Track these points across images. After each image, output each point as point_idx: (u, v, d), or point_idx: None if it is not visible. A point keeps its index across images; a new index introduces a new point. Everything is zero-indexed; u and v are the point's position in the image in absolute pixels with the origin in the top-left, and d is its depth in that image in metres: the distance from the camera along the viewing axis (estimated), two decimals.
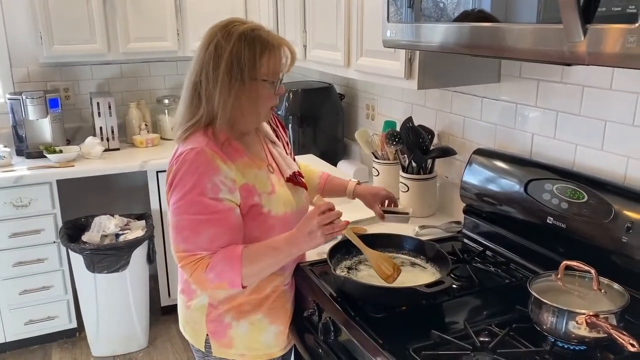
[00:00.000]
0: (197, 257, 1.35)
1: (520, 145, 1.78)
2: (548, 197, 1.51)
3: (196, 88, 1.38)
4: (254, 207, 1.40)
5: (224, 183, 1.35)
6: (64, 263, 2.85)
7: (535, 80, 1.70)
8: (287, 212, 1.47)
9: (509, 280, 1.55)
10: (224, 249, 1.36)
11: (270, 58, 1.37)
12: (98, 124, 3.10)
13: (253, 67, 1.34)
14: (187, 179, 1.33)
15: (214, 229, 1.35)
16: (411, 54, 1.68)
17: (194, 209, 1.33)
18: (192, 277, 1.36)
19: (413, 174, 2.03)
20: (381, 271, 1.45)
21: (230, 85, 1.34)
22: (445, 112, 2.11)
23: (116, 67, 3.35)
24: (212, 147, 1.36)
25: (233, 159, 1.39)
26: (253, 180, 1.41)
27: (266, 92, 1.39)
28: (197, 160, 1.34)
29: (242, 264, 1.34)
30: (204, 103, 1.37)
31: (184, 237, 1.35)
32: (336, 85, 2.82)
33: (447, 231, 1.91)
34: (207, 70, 1.35)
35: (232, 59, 1.33)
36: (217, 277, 1.34)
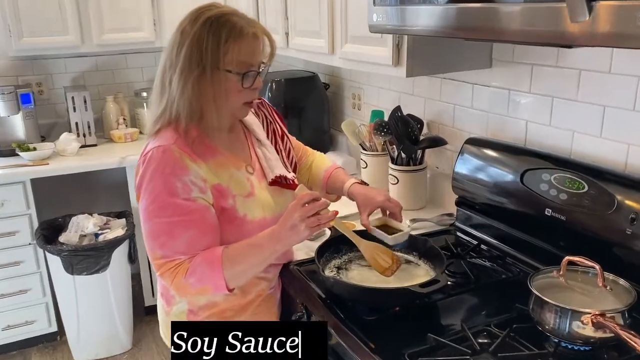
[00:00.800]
0: (175, 262, 1.26)
1: (513, 133, 1.71)
2: (546, 188, 1.44)
3: (163, 76, 1.29)
4: (226, 210, 1.31)
5: (195, 183, 1.26)
6: (41, 265, 2.74)
7: (529, 65, 1.62)
8: (266, 217, 1.38)
9: (506, 275, 1.48)
10: (203, 251, 1.27)
11: (237, 46, 1.24)
12: (73, 119, 2.97)
13: (215, 54, 1.23)
14: (155, 180, 1.24)
15: (191, 230, 1.26)
16: (399, 39, 1.59)
17: (167, 211, 1.24)
18: (173, 284, 1.28)
19: (402, 165, 1.94)
20: (377, 264, 1.36)
21: (189, 72, 1.23)
22: (434, 100, 2.03)
23: (91, 60, 3.21)
24: (181, 144, 1.26)
25: (205, 157, 1.29)
26: (227, 181, 1.32)
27: (232, 85, 1.27)
28: (164, 160, 1.24)
29: (224, 265, 1.25)
30: (167, 92, 1.27)
31: (160, 243, 1.26)
32: (320, 74, 2.72)
33: (439, 224, 1.83)
34: (171, 57, 1.26)
35: (193, 45, 1.23)
36: (198, 282, 1.26)
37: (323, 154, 1.75)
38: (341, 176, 1.62)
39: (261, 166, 1.44)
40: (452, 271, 1.49)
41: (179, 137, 1.28)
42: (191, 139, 1.28)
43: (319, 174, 1.65)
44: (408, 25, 1.36)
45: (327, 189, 1.64)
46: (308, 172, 1.67)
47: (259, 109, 1.54)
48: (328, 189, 1.64)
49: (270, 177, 1.42)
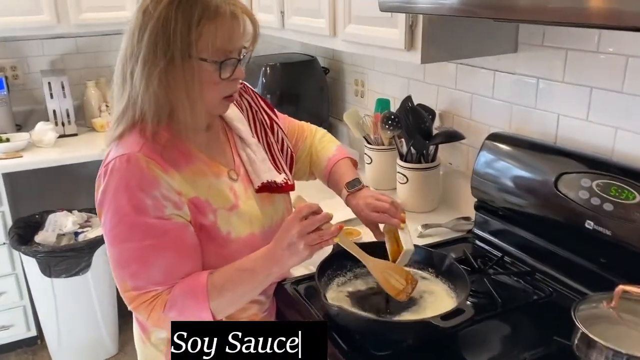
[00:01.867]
0: (151, 294, 1.05)
1: (541, 128, 1.49)
2: (586, 196, 1.23)
3: (124, 67, 1.05)
4: (206, 227, 1.10)
5: (167, 197, 1.04)
6: (17, 267, 2.52)
7: (563, 50, 1.39)
8: (255, 232, 1.16)
9: (537, 296, 1.28)
10: (184, 279, 1.06)
11: (212, 29, 1.01)
12: (51, 106, 2.72)
13: (186, 40, 1.00)
14: (120, 196, 1.02)
15: (167, 255, 1.05)
16: (412, 19, 1.36)
17: (136, 234, 1.03)
18: (150, 319, 1.07)
19: (413, 162, 1.73)
20: (389, 286, 1.15)
21: (153, 62, 1.00)
22: (448, 88, 1.80)
23: (71, 42, 2.95)
24: (148, 151, 1.04)
25: (178, 165, 1.07)
26: (206, 193, 1.10)
27: (208, 76, 1.04)
28: (129, 171, 1.02)
29: (209, 295, 1.04)
30: (128, 85, 1.04)
31: (131, 273, 1.05)
32: (320, 57, 2.48)
33: (455, 230, 1.62)
34: (132, 43, 1.03)
35: (158, 28, 1.00)
36: (180, 315, 1.06)
37: (324, 132, 1.49)
38: (338, 177, 1.37)
39: (246, 171, 1.22)
40: (474, 290, 1.28)
41: (146, 142, 1.05)
42: (161, 143, 1.06)
43: (321, 162, 1.41)
44: (424, 3, 1.14)
45: (329, 185, 1.42)
46: (308, 159, 1.44)
47: (241, 97, 1.31)
48: (330, 186, 1.42)
49: (257, 184, 1.21)
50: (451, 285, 1.24)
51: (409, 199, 1.75)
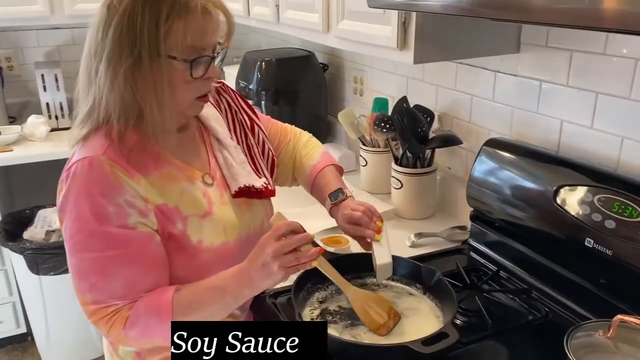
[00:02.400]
0: (110, 309, 0.98)
1: (543, 135, 1.39)
2: (587, 211, 1.13)
3: (88, 64, 0.98)
4: (175, 236, 1.02)
5: (132, 204, 0.97)
6: (6, 262, 2.47)
7: (567, 51, 1.29)
8: (229, 241, 1.08)
9: (533, 316, 1.19)
10: (147, 295, 0.99)
11: (181, 25, 0.93)
12: (44, 99, 2.66)
13: (154, 37, 0.92)
14: (81, 202, 0.95)
15: (129, 267, 0.97)
16: (405, 17, 1.27)
17: (97, 243, 0.95)
18: (110, 336, 1.01)
19: (408, 166, 1.64)
20: (369, 319, 1.06)
21: (119, 60, 0.93)
22: (448, 88, 1.70)
23: (67, 33, 2.89)
24: (112, 155, 0.96)
25: (145, 170, 1.00)
26: (176, 200, 1.02)
27: (179, 76, 0.97)
28: (91, 176, 0.95)
29: (174, 314, 0.97)
30: (94, 86, 0.97)
31: (90, 285, 0.97)
32: (318, 53, 2.39)
33: (450, 240, 1.53)
34: (96, 39, 0.95)
35: (123, 24, 0.92)
36: (142, 335, 0.99)
37: (309, 136, 1.41)
38: (325, 186, 1.27)
39: (223, 175, 1.14)
40: (464, 308, 1.20)
41: (111, 144, 0.98)
42: (128, 146, 0.98)
43: (306, 169, 1.32)
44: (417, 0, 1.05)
45: (313, 194, 1.33)
46: (291, 163, 1.35)
47: (220, 95, 1.23)
48: (313, 194, 1.33)
49: (234, 189, 1.13)
50: (438, 303, 1.15)
51: (403, 205, 1.66)
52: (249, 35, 3.12)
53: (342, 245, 1.42)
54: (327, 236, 1.45)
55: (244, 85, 2.29)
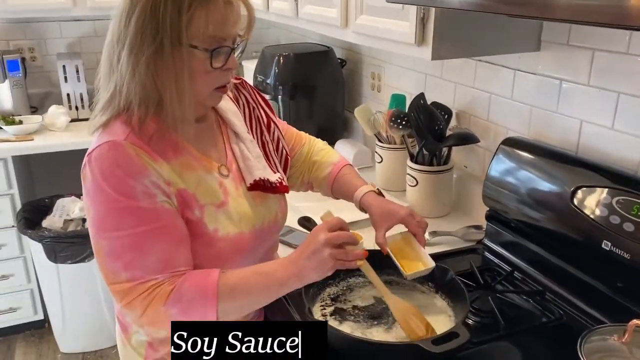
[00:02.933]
0: (150, 284, 0.96)
1: (562, 135, 1.37)
2: (605, 213, 1.11)
3: (111, 52, 0.99)
4: (192, 223, 1.02)
5: (157, 185, 0.97)
6: (25, 249, 2.51)
7: (589, 50, 1.27)
8: (244, 231, 1.08)
9: (547, 318, 1.17)
10: (194, 273, 0.98)
11: (203, 14, 0.94)
12: (65, 90, 2.70)
13: (176, 25, 0.93)
14: (107, 184, 0.95)
15: (163, 241, 0.97)
16: (424, 12, 1.26)
17: (129, 220, 0.96)
18: (145, 316, 0.97)
19: (424, 164, 1.62)
20: (410, 330, 1.04)
21: (141, 48, 0.94)
22: (466, 86, 1.69)
23: (89, 24, 2.92)
24: (134, 139, 0.97)
25: (166, 156, 1.01)
26: (194, 187, 1.03)
27: (199, 65, 0.98)
28: (115, 158, 0.96)
29: (219, 296, 0.96)
30: (116, 73, 0.98)
31: (125, 263, 0.96)
32: (337, 48, 2.38)
33: (465, 239, 1.52)
34: (119, 27, 0.96)
35: (147, 12, 0.93)
36: (181, 313, 0.96)
37: (324, 143, 1.40)
38: (353, 178, 1.29)
39: (239, 167, 1.14)
40: (477, 308, 1.19)
41: (132, 131, 0.99)
42: (148, 134, 0.99)
43: (324, 169, 1.32)
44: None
45: (333, 191, 1.32)
46: (307, 165, 1.35)
47: (238, 92, 1.23)
48: (334, 192, 1.32)
49: (249, 181, 1.13)
50: (450, 303, 1.15)
51: (418, 203, 1.65)
52: (269, 29, 3.12)
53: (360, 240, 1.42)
54: None
55: (262, 79, 2.29)
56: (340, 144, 2.16)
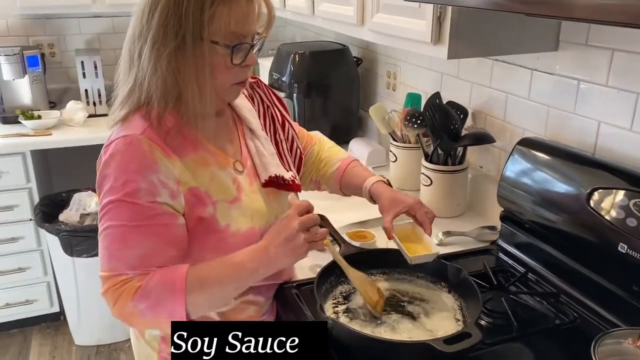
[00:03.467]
0: (120, 279, 0.98)
1: (579, 136, 1.36)
2: (621, 216, 1.10)
3: (132, 46, 1.01)
4: (205, 220, 1.04)
5: (165, 184, 0.99)
6: (42, 243, 2.55)
7: (608, 50, 1.25)
8: (255, 227, 1.09)
9: (560, 321, 1.16)
10: (162, 269, 0.99)
11: (225, 11, 0.96)
12: (83, 85, 2.73)
13: (198, 21, 0.95)
14: (116, 176, 0.98)
15: (148, 240, 0.99)
16: (441, 11, 1.25)
17: (123, 214, 0.98)
18: (115, 309, 0.99)
19: (438, 163, 1.62)
20: (368, 297, 1.12)
21: (163, 43, 0.95)
22: (483, 85, 1.67)
23: (107, 21, 2.96)
24: (151, 134, 1.00)
25: (181, 152, 1.02)
26: (206, 184, 1.04)
27: (220, 61, 1.00)
28: (129, 153, 0.98)
29: (187, 288, 0.97)
30: (135, 67, 1.00)
31: (110, 253, 0.99)
32: (353, 46, 2.38)
33: (478, 240, 1.51)
34: (141, 22, 0.98)
35: (170, 8, 0.94)
36: (150, 309, 0.97)
37: (332, 143, 1.44)
38: (361, 171, 1.34)
39: (254, 163, 1.15)
40: (489, 309, 1.18)
41: (150, 125, 1.01)
42: (165, 128, 1.01)
43: (332, 165, 1.36)
44: None
45: (342, 185, 1.35)
46: (316, 164, 1.38)
47: (254, 90, 1.25)
48: (343, 186, 1.35)
49: (264, 177, 1.14)
50: (463, 303, 1.14)
51: (432, 202, 1.64)
52: (285, 27, 3.13)
53: (367, 239, 1.42)
54: (353, 230, 1.45)
55: (277, 77, 2.29)
56: (354, 142, 2.16)
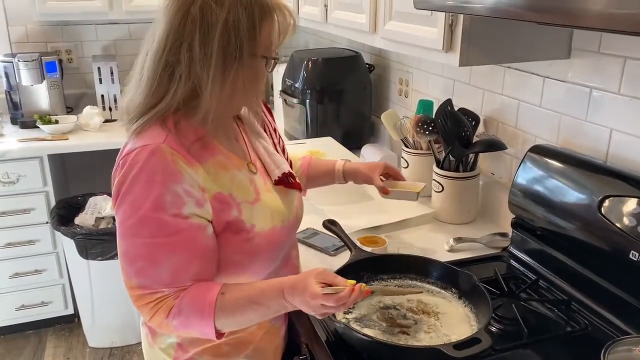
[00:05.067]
0: (156, 296, 1.01)
1: (591, 143, 1.36)
2: (633, 223, 1.10)
3: (170, 68, 0.99)
4: (231, 223, 1.05)
5: (190, 193, 0.99)
6: (58, 245, 2.59)
7: (621, 58, 1.25)
8: (276, 226, 1.11)
9: (571, 328, 1.16)
10: (194, 288, 1.01)
11: (271, 25, 1.02)
12: (99, 91, 2.78)
13: (253, 39, 0.98)
14: (139, 188, 0.97)
15: (177, 256, 1.00)
16: (452, 19, 1.26)
17: (148, 229, 0.98)
18: (152, 322, 1.03)
19: (450, 170, 1.62)
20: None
21: (226, 66, 0.98)
22: (495, 92, 1.68)
23: (123, 28, 3.00)
24: (172, 143, 0.99)
25: (200, 158, 1.02)
26: (229, 187, 1.05)
27: (262, 71, 1.06)
28: (152, 163, 0.97)
29: (216, 315, 0.99)
30: (181, 87, 0.99)
31: (137, 269, 1.00)
32: (365, 53, 2.40)
33: (489, 246, 1.51)
34: (192, 45, 0.96)
35: (230, 30, 0.96)
36: (182, 325, 1.01)
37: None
38: (324, 160, 1.48)
39: (263, 163, 1.17)
40: (500, 315, 1.18)
41: (169, 133, 1.00)
42: (189, 139, 1.02)
43: (296, 162, 1.44)
44: (464, 2, 1.04)
45: (309, 179, 1.43)
46: None
47: None
48: (310, 179, 1.43)
49: (277, 175, 1.16)
50: (473, 309, 1.15)
51: (444, 208, 1.65)
52: (298, 34, 3.15)
53: (379, 245, 1.43)
54: (364, 236, 1.46)
55: (290, 83, 2.31)
56: (366, 148, 2.17)
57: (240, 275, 1.09)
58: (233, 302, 1.01)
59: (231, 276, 1.08)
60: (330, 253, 1.46)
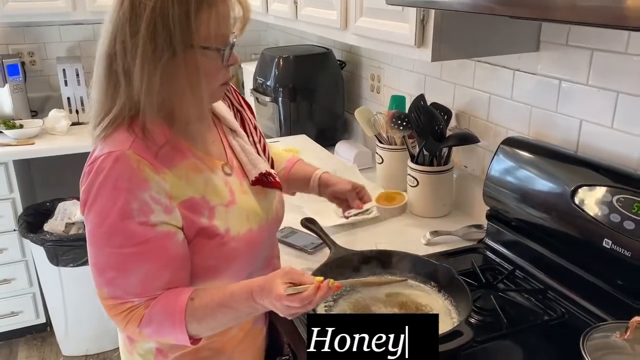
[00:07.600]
0: (127, 306, 0.99)
1: (562, 134, 1.38)
2: (605, 212, 1.12)
3: (111, 63, 0.97)
4: (204, 229, 1.02)
5: (157, 200, 0.96)
6: (27, 253, 2.52)
7: (588, 50, 1.28)
8: (253, 228, 1.09)
9: (548, 317, 1.18)
10: (165, 296, 0.99)
11: (212, 15, 0.94)
12: (65, 93, 2.71)
13: (187, 28, 0.92)
14: (104, 197, 0.94)
15: (147, 265, 0.98)
16: (424, 14, 1.27)
17: (116, 239, 0.95)
18: (126, 330, 1.02)
19: (424, 164, 1.63)
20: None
21: (154, 56, 0.92)
22: (466, 86, 1.70)
23: (88, 28, 2.93)
24: (139, 149, 0.96)
25: (170, 163, 1.00)
26: (202, 190, 1.03)
27: (211, 64, 0.97)
28: (117, 170, 0.94)
29: (187, 321, 0.97)
30: (123, 85, 0.96)
31: (107, 280, 0.98)
32: (336, 50, 2.40)
33: (465, 239, 1.53)
34: (123, 37, 0.94)
35: (156, 19, 0.91)
36: (156, 333, 1.00)
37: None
38: (306, 166, 1.42)
39: (240, 163, 1.15)
40: (479, 307, 1.20)
41: (136, 139, 0.97)
42: (153, 140, 0.98)
43: (280, 163, 1.39)
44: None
45: (289, 182, 1.38)
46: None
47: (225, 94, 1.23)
48: (290, 183, 1.38)
49: (254, 175, 1.13)
50: (453, 302, 1.16)
51: (419, 203, 1.66)
52: (267, 32, 3.13)
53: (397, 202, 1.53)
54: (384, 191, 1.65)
55: (262, 81, 2.30)
56: (340, 145, 2.17)
57: (217, 280, 1.07)
58: (203, 306, 0.99)
59: (208, 281, 1.06)
60: (309, 251, 1.45)
